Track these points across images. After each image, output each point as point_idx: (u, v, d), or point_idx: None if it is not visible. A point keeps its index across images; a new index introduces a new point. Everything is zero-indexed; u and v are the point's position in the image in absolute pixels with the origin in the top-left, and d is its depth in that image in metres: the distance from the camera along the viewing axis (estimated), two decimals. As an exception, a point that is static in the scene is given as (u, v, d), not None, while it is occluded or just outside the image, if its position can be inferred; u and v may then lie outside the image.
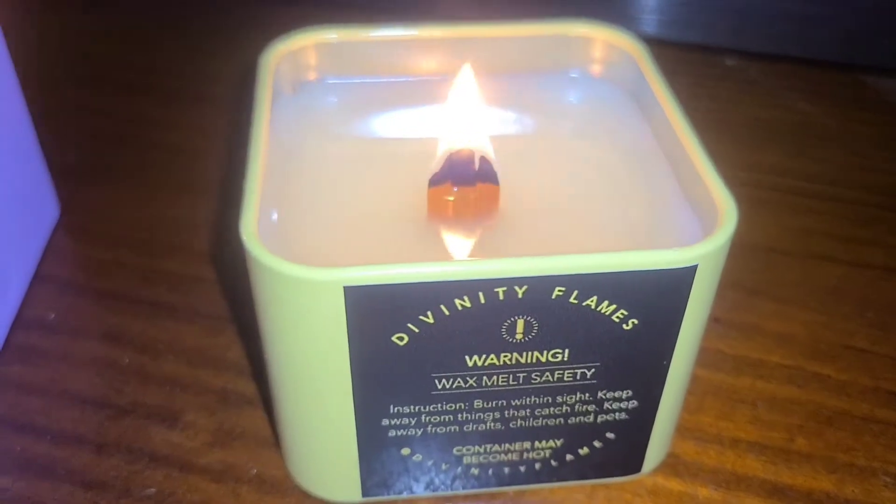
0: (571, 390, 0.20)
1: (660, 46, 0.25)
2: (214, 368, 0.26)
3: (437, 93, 0.25)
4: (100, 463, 0.23)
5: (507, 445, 0.22)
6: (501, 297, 0.18)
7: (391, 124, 0.25)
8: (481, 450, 0.22)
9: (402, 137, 0.25)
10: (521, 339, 0.19)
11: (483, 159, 0.23)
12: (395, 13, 0.35)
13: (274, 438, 0.24)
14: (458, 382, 0.20)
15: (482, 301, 0.18)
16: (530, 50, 0.26)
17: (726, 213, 0.19)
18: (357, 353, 0.19)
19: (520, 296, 0.18)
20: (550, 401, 0.21)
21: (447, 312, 0.18)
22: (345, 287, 0.18)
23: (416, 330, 0.19)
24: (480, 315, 0.18)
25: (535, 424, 0.21)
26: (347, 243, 0.22)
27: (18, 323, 0.27)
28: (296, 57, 0.25)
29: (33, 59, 0.29)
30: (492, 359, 0.19)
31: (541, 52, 0.26)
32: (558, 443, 0.22)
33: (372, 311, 0.18)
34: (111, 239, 0.30)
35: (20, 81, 0.28)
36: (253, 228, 0.18)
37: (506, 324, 0.19)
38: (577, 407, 0.21)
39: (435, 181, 0.23)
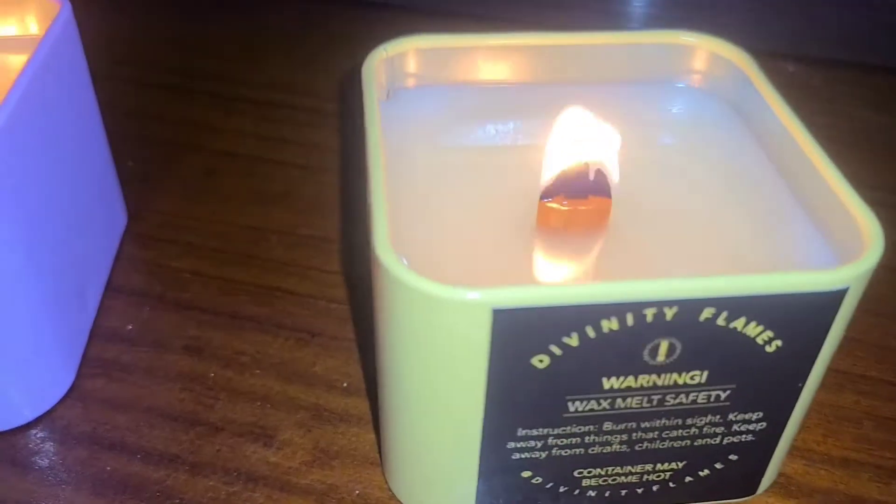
0: (703, 412, 0.20)
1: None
2: (304, 384, 0.25)
3: (538, 101, 0.25)
4: (196, 484, 0.22)
5: (628, 468, 0.21)
6: (650, 318, 0.18)
7: (493, 132, 0.24)
8: (602, 472, 0.21)
9: (504, 145, 0.24)
10: (662, 362, 0.18)
11: (598, 172, 0.22)
12: (486, 20, 0.34)
13: (375, 457, 0.23)
14: (592, 405, 0.19)
15: (629, 323, 0.18)
16: (632, 59, 0.25)
17: (872, 234, 0.19)
18: (495, 375, 0.18)
19: (668, 317, 0.18)
20: (680, 423, 0.20)
21: (592, 334, 0.18)
22: (494, 309, 0.17)
23: (559, 352, 0.18)
24: (625, 337, 0.18)
25: (660, 447, 0.20)
26: (456, 256, 0.21)
27: (96, 335, 0.26)
28: (392, 64, 0.24)
29: (102, 60, 0.28)
30: (629, 381, 0.19)
31: (642, 62, 0.25)
32: (680, 465, 0.21)
33: (516, 333, 0.17)
34: (182, 248, 0.29)
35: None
36: (389, 245, 0.18)
37: (649, 346, 0.18)
38: (705, 429, 0.20)
39: (548, 194, 0.22)
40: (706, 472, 0.21)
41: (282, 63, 0.38)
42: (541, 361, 0.18)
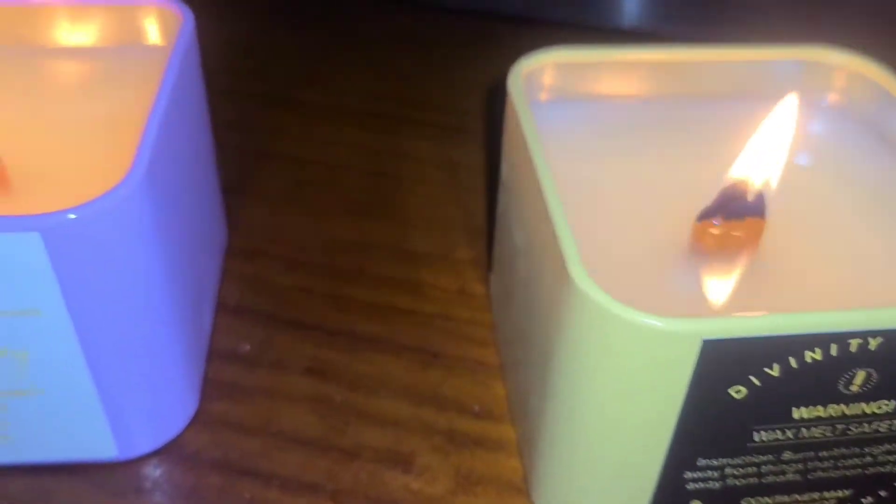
0: (882, 441, 0.19)
1: None
2: (434, 407, 0.24)
3: (674, 115, 0.24)
4: (339, 511, 0.22)
5: (795, 496, 0.20)
6: (853, 348, 0.17)
7: (630, 147, 0.24)
8: (770, 501, 0.20)
9: (643, 160, 0.24)
10: (855, 391, 0.18)
11: (758, 192, 0.22)
12: (612, 36, 0.34)
13: (521, 484, 0.23)
14: (776, 435, 0.19)
15: (833, 353, 0.17)
16: (764, 75, 0.25)
17: None
18: (689, 405, 0.18)
19: (872, 347, 0.17)
20: (858, 451, 0.19)
21: (794, 365, 0.17)
22: (703, 340, 0.16)
23: (757, 383, 0.17)
24: (825, 367, 0.17)
25: (832, 475, 0.20)
26: (611, 276, 0.21)
27: (213, 355, 0.25)
28: (530, 78, 0.24)
29: (211, 70, 0.27)
30: (818, 411, 0.18)
31: (775, 78, 0.25)
32: (846, 493, 0.21)
33: (720, 363, 0.17)
34: (287, 263, 0.28)
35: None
36: (585, 271, 0.17)
37: (845, 376, 0.18)
38: (879, 457, 0.20)
39: (706, 214, 0.21)
40: (870, 499, 0.21)
41: (390, 74, 0.37)
42: (738, 392, 0.18)
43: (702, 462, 0.19)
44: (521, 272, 0.22)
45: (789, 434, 0.19)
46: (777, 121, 0.22)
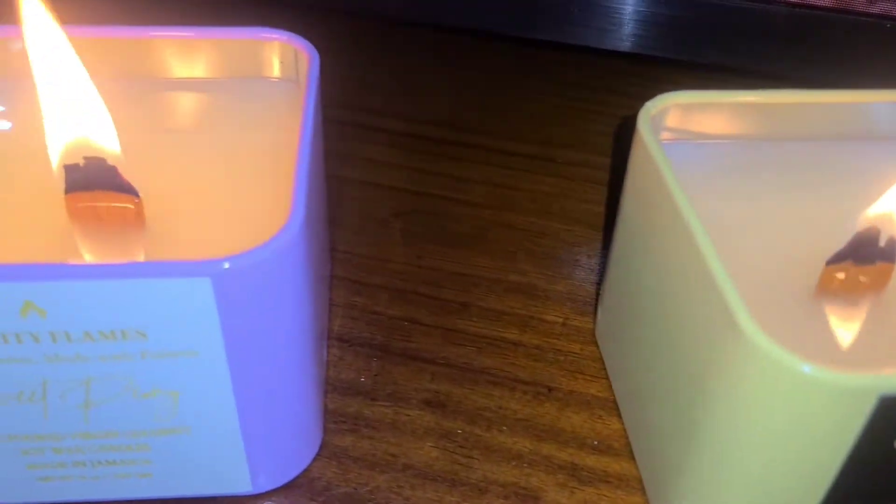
0: None
1: None
2: (555, 441, 0.25)
3: (797, 158, 0.25)
4: (473, 548, 0.22)
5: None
6: None
7: (757, 189, 0.24)
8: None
9: (768, 203, 0.24)
10: None
11: (890, 238, 0.22)
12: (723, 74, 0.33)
13: (649, 522, 0.23)
14: (928, 483, 0.19)
15: None
16: (890, 117, 0.25)
17: None
18: (853, 458, 0.18)
19: None
20: None
21: (961, 417, 0.17)
22: (880, 395, 0.17)
23: (923, 435, 0.18)
24: None
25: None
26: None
27: (332, 387, 0.26)
28: (657, 118, 0.24)
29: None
30: (975, 461, 0.19)
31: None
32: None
33: (888, 417, 0.17)
34: (393, 294, 0.29)
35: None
36: (754, 321, 0.17)
37: None
38: None
39: (837, 258, 0.22)
40: None
41: (494, 106, 0.37)
42: (902, 443, 0.18)
43: (852, 510, 0.19)
44: (652, 312, 0.23)
45: (941, 482, 0.19)
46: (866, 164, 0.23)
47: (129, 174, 0.22)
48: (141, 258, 0.22)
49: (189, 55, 0.26)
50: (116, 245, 0.22)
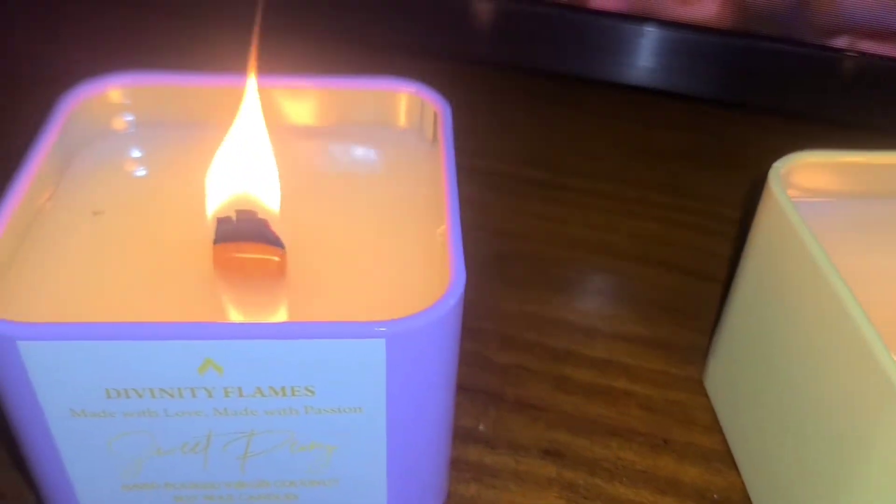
0: None
1: None
2: (676, 495, 0.25)
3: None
4: None
5: None
6: None
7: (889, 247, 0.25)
8: None
9: None
10: None
11: None
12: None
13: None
14: None
15: None
16: None
17: None
18: None
19: None
20: None
21: None
22: None
23: None
24: None
25: None
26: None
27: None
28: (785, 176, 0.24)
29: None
30: None
31: None
32: None
33: None
34: (502, 340, 0.29)
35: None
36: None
37: None
38: None
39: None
40: None
41: (594, 150, 0.38)
42: None
43: None
44: (783, 367, 0.23)
45: None
46: None
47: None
48: (284, 311, 0.22)
49: (313, 104, 0.26)
50: (259, 296, 0.22)
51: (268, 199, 0.23)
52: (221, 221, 0.22)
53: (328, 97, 0.26)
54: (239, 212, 0.22)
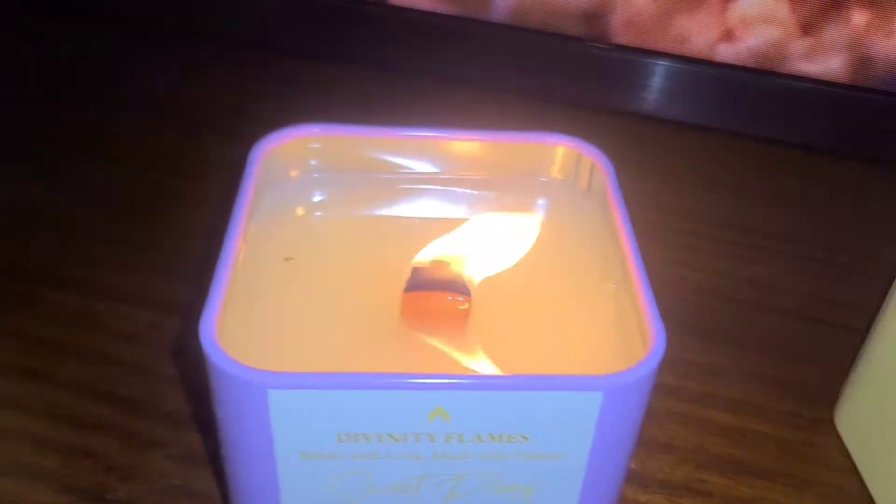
0: None
1: None
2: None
3: None
4: None
5: None
6: None
7: None
8: None
9: None
10: None
11: None
12: None
13: None
14: None
15: None
16: None
17: None
18: None
19: None
20: None
21: None
22: None
23: None
24: None
25: None
26: None
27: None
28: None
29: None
30: None
31: None
32: None
33: None
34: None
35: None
36: None
37: None
38: None
39: None
40: None
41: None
42: None
43: None
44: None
45: None
46: None
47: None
48: (468, 357, 0.24)
49: (478, 155, 0.28)
50: (443, 342, 0.24)
51: (461, 250, 0.24)
52: (417, 270, 0.24)
53: (491, 149, 0.27)
54: (433, 261, 0.24)
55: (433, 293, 0.24)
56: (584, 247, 0.26)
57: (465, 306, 0.24)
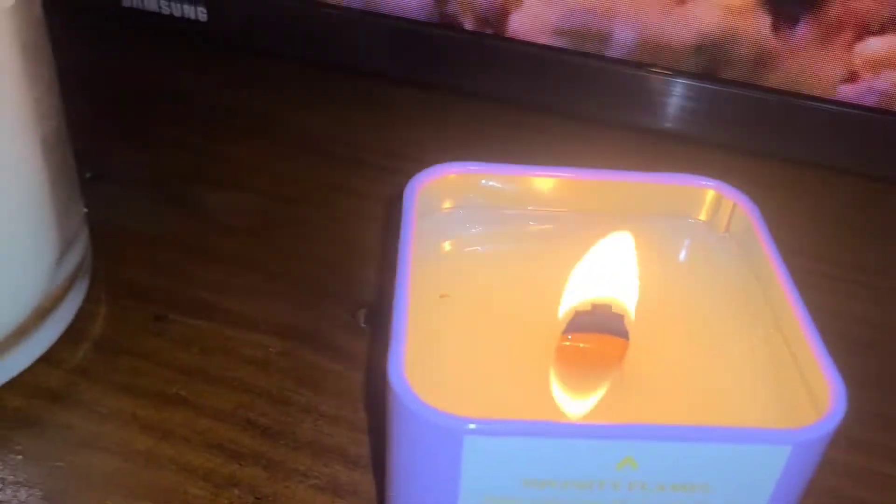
0: None
1: None
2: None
3: None
4: None
5: None
6: None
7: None
8: None
9: None
10: None
11: None
12: None
13: None
14: None
15: None
16: None
17: None
18: None
19: None
20: None
21: None
22: None
23: None
24: None
25: None
26: None
27: None
28: None
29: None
30: None
31: None
32: None
33: None
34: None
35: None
36: None
37: None
38: None
39: None
40: None
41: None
42: None
43: None
44: None
45: None
46: None
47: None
48: (630, 403, 0.24)
49: (620, 195, 0.28)
50: (603, 385, 0.24)
51: (614, 291, 0.24)
52: (579, 314, 0.24)
53: (640, 189, 0.28)
54: (595, 305, 0.24)
55: (592, 335, 0.24)
56: (730, 291, 0.26)
57: (622, 349, 0.24)
